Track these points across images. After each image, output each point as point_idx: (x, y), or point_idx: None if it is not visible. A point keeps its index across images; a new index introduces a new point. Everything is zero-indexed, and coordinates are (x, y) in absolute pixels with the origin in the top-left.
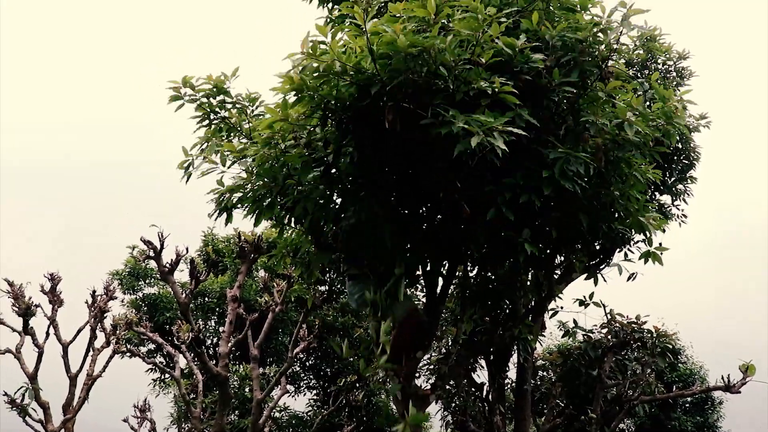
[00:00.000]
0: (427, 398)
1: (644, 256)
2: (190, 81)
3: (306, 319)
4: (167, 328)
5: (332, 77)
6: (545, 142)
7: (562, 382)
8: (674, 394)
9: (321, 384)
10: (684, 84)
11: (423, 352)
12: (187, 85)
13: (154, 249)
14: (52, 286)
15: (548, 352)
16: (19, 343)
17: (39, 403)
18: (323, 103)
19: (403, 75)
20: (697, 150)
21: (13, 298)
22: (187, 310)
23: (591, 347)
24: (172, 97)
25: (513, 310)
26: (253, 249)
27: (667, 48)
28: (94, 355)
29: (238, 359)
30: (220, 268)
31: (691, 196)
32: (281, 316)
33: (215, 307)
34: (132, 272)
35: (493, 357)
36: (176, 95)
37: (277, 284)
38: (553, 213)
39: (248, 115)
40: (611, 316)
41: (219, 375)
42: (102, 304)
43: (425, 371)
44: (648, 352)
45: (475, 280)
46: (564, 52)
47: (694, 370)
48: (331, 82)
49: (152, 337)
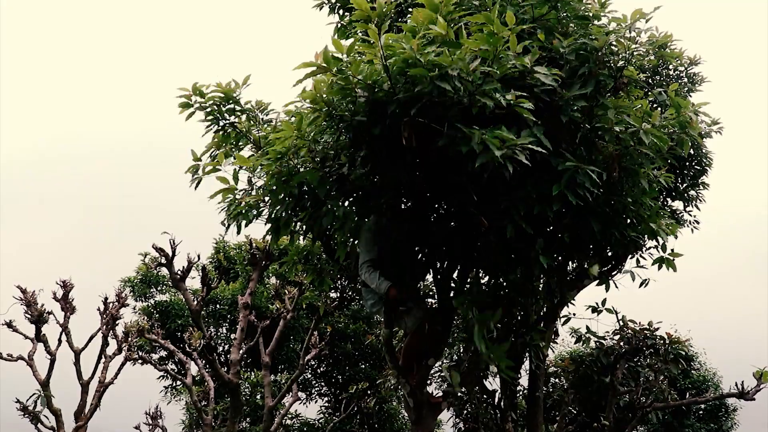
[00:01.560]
0: (438, 405)
1: (657, 262)
2: (200, 89)
3: (317, 326)
4: (179, 335)
5: (349, 92)
6: (557, 153)
7: (574, 389)
8: (687, 401)
9: (332, 391)
10: (696, 90)
11: (435, 359)
12: (197, 93)
13: (165, 256)
14: (65, 293)
15: (560, 358)
16: (31, 350)
17: (51, 410)
18: (338, 118)
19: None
20: (710, 156)
21: (26, 305)
22: (198, 317)
23: (603, 354)
24: (182, 105)
25: (525, 317)
26: (264, 256)
27: (679, 54)
28: (106, 362)
29: (249, 366)
30: (232, 275)
31: (703, 202)
32: (292, 323)
33: (227, 314)
34: (144, 279)
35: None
36: (186, 103)
37: (288, 291)
38: (565, 220)
39: (258, 122)
40: (623, 323)
41: (230, 382)
42: (114, 311)
43: (437, 378)
44: (661, 359)
45: (486, 286)
46: (578, 63)
47: (708, 376)
48: (348, 98)
49: (164, 344)
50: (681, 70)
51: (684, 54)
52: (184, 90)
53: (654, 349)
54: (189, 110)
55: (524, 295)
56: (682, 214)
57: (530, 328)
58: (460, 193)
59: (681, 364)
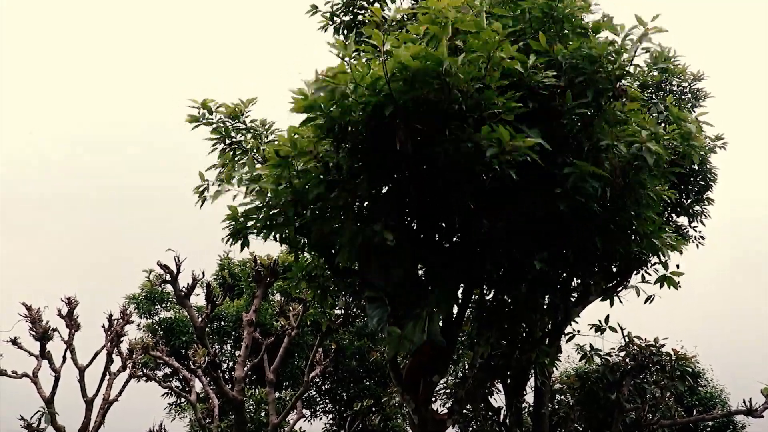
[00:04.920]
0: (443, 422)
1: (660, 281)
2: (208, 105)
3: (322, 343)
4: (183, 352)
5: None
6: (560, 163)
7: (580, 406)
8: (695, 418)
9: (337, 408)
10: (699, 105)
11: (440, 376)
12: (206, 108)
13: (170, 273)
14: (69, 310)
15: (566, 375)
16: (36, 367)
17: (55, 427)
18: (336, 126)
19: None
20: (714, 171)
21: (31, 322)
22: (203, 334)
23: (609, 371)
24: (189, 116)
25: (530, 334)
26: (269, 273)
27: (682, 70)
28: (111, 379)
29: (253, 383)
30: (236, 292)
31: (708, 218)
32: (297, 340)
33: (231, 331)
34: (148, 296)
35: (510, 381)
36: (194, 116)
37: (292, 308)
38: (569, 236)
39: (263, 141)
40: (629, 339)
41: (235, 399)
42: (118, 328)
43: (442, 395)
44: (667, 376)
45: (491, 303)
46: (576, 72)
47: (715, 393)
48: (344, 103)
49: (168, 361)
50: (684, 86)
51: (687, 69)
52: (194, 102)
53: (660, 365)
54: (195, 123)
55: (529, 311)
56: (687, 229)
57: (535, 344)
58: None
59: (688, 380)
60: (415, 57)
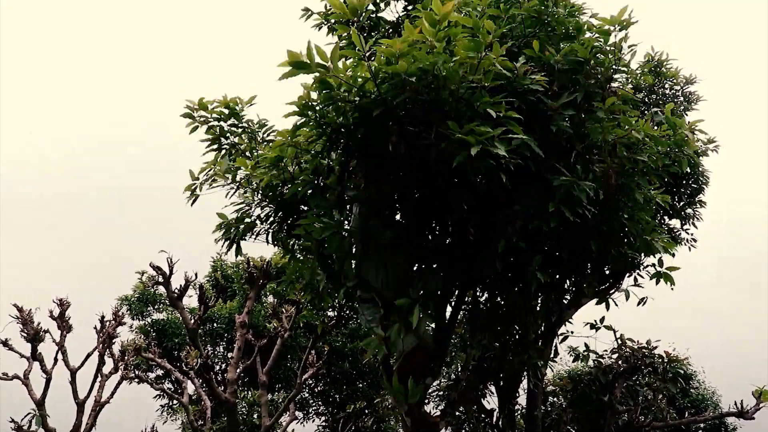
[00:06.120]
0: (436, 425)
1: (655, 277)
2: (205, 105)
3: (315, 345)
4: (176, 353)
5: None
6: (553, 168)
7: (572, 407)
8: (687, 420)
9: (330, 410)
10: (692, 108)
11: (432, 378)
12: (202, 107)
13: (163, 275)
14: (61, 311)
15: (558, 377)
16: (27, 369)
17: (46, 429)
18: (329, 129)
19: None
20: (706, 174)
21: (22, 324)
22: (195, 335)
23: (602, 373)
24: (185, 115)
25: (523, 336)
26: (262, 275)
27: (674, 73)
28: (102, 381)
29: (246, 385)
30: (229, 294)
31: (700, 220)
32: (290, 342)
33: (224, 332)
34: (141, 298)
35: (502, 383)
36: (189, 113)
37: (285, 310)
38: (562, 239)
39: (257, 141)
40: (622, 341)
41: (227, 401)
42: (110, 330)
43: (434, 397)
44: (659, 378)
45: (484, 305)
46: (567, 75)
47: (707, 395)
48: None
49: (160, 363)
50: (677, 89)
51: (680, 73)
52: (191, 102)
53: (652, 367)
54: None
55: (522, 313)
56: (679, 232)
57: (528, 346)
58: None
59: (680, 382)
60: (401, 55)
